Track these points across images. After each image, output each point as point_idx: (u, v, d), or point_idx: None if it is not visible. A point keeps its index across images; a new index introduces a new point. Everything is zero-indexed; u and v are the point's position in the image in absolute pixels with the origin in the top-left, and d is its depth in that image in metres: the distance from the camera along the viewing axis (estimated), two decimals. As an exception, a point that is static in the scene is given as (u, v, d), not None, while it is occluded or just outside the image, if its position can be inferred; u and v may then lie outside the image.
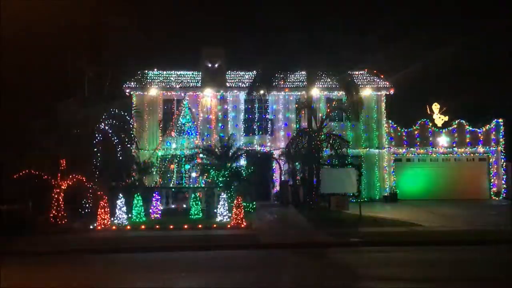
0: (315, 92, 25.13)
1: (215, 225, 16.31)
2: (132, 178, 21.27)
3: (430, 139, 28.09)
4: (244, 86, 26.50)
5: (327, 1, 24.16)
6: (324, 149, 22.69)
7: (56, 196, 16.89)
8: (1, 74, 19.17)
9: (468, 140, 28.10)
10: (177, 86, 27.01)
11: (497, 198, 27.35)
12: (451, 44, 33.24)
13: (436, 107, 28.23)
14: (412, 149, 28.12)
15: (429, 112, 28.24)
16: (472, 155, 28.44)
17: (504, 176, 27.78)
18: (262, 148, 27.35)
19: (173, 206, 19.59)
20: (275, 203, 25.68)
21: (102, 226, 16.04)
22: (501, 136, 28.03)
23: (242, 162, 25.08)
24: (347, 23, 28.88)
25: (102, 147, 20.04)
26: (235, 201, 16.67)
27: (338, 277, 9.97)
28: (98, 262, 11.82)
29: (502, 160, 27.90)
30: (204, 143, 25.35)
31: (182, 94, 26.92)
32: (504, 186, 27.66)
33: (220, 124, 27.32)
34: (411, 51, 32.78)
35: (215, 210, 17.76)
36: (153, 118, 27.11)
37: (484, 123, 28.30)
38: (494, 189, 27.82)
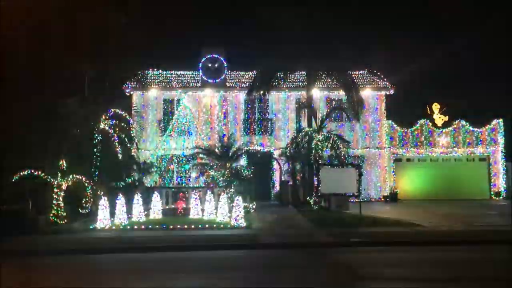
0: (315, 92, 25.15)
1: (215, 225, 16.30)
2: (132, 178, 21.27)
3: (430, 139, 28.10)
4: (244, 86, 26.51)
5: (327, 0, 24.22)
6: (324, 149, 22.68)
7: (56, 196, 16.88)
8: (0, 73, 19.16)
9: (468, 140, 28.11)
10: (177, 86, 27.01)
11: (497, 198, 27.35)
12: (451, 44, 33.27)
13: (436, 107, 28.24)
14: (412, 149, 28.13)
15: (429, 112, 28.26)
16: (472, 155, 28.44)
17: (504, 176, 27.79)
18: (262, 148, 27.36)
19: (173, 206, 19.58)
20: (275, 203, 25.67)
21: (102, 226, 16.04)
22: (501, 136, 28.03)
23: (242, 162, 25.08)
24: (347, 23, 28.90)
25: (102, 147, 20.04)
26: (235, 201, 16.66)
27: (338, 277, 9.97)
28: (98, 262, 11.82)
29: (502, 160, 27.91)
30: (204, 143, 25.35)
31: (182, 94, 26.93)
32: (504, 186, 27.67)
33: (220, 124, 27.32)
34: (412, 51, 32.82)
35: (215, 210, 17.75)
36: (153, 118, 27.13)
37: (484, 123, 28.31)
38: (494, 189, 27.83)
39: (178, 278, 9.96)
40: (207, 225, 16.18)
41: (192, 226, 16.01)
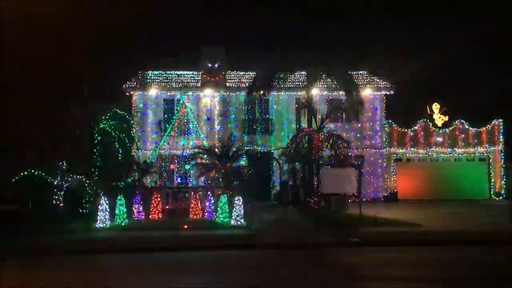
0: (315, 92, 25.14)
1: (215, 225, 16.30)
2: (132, 178, 21.28)
3: (430, 139, 28.09)
4: (244, 86, 26.48)
5: (328, 1, 24.24)
6: (324, 149, 22.67)
7: (56, 196, 16.90)
8: (1, 74, 19.18)
9: (468, 140, 28.10)
10: (177, 86, 27.01)
11: (497, 198, 27.35)
12: (451, 44, 33.24)
13: (436, 107, 28.24)
14: (412, 149, 28.13)
15: (429, 112, 28.26)
16: (472, 155, 28.44)
17: (504, 176, 27.79)
18: (262, 148, 27.36)
19: (173, 206, 19.57)
20: (275, 203, 25.66)
21: (102, 226, 16.04)
22: (501, 136, 28.04)
23: (242, 162, 25.07)
24: (347, 23, 28.92)
25: (102, 147, 20.06)
26: (235, 201, 16.66)
27: (338, 277, 9.97)
28: (97, 262, 11.83)
29: (502, 160, 27.91)
30: (204, 143, 25.35)
31: (182, 94, 26.92)
32: (504, 186, 27.67)
33: (220, 124, 27.32)
34: (412, 51, 32.79)
35: (215, 210, 17.75)
36: (153, 118, 27.12)
37: (484, 123, 28.31)
38: (494, 189, 27.82)
39: (178, 278, 9.96)
40: (207, 225, 16.19)
41: (192, 226, 16.01)
